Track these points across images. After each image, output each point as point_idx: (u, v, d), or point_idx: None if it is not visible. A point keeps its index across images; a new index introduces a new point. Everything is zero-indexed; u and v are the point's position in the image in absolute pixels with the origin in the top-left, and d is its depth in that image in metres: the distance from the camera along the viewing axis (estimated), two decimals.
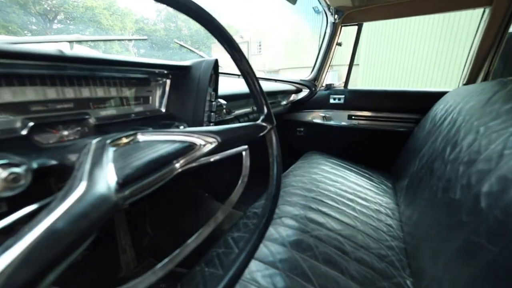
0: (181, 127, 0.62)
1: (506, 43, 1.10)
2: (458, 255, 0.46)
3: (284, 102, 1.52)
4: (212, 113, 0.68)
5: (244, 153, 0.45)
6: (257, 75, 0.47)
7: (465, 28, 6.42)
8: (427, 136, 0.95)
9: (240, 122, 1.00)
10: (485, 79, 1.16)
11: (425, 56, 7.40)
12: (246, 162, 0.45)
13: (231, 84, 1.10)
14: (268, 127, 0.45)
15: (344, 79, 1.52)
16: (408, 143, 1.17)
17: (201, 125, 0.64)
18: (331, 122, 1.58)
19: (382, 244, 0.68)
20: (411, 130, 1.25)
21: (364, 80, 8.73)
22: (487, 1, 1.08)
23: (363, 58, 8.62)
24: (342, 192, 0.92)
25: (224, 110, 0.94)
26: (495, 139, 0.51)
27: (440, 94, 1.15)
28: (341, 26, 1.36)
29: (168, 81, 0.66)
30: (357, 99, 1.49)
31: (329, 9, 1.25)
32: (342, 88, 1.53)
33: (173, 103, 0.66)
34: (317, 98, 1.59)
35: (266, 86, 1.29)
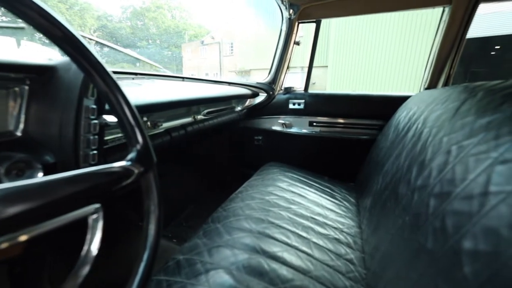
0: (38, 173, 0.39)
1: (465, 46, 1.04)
2: None
3: (239, 108, 1.35)
4: (94, 137, 0.46)
5: (92, 218, 0.26)
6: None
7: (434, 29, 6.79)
8: (390, 147, 0.83)
9: (171, 137, 0.80)
10: (446, 83, 1.09)
11: (397, 56, 7.56)
12: (94, 234, 0.26)
13: (163, 86, 0.90)
14: (140, 170, 0.27)
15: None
16: (372, 153, 1.07)
17: (76, 156, 0.43)
18: (292, 130, 1.43)
19: None
20: (375, 138, 1.15)
21: (333, 83, 8.88)
22: (447, 0, 1.01)
23: (332, 59, 8.76)
24: (297, 219, 0.76)
25: (149, 123, 0.73)
26: (473, 167, 0.38)
27: (403, 99, 1.06)
28: (298, 23, 1.22)
29: (26, 88, 0.44)
30: (318, 104, 1.36)
31: (282, 2, 1.10)
32: (302, 91, 1.40)
33: (34, 122, 0.44)
34: (275, 103, 1.44)
35: (219, 91, 1.10)
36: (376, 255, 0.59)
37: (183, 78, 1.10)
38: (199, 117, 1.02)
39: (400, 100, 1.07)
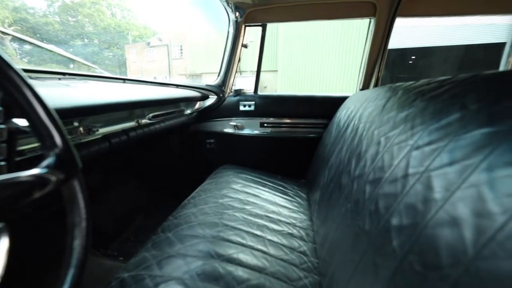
0: None
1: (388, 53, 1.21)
2: None
3: (188, 111, 1.30)
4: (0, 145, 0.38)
5: None
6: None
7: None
8: (334, 143, 0.91)
9: (111, 144, 0.72)
10: (376, 84, 1.24)
11: (341, 60, 8.29)
12: None
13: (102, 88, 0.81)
14: (59, 177, 0.23)
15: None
16: (319, 149, 1.14)
17: None
18: (244, 132, 1.45)
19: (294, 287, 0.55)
20: (321, 136, 1.24)
21: (283, 86, 9.33)
22: (372, 13, 1.15)
23: (281, 63, 9.19)
24: (252, 219, 0.77)
25: (81, 129, 0.65)
26: (397, 154, 0.44)
27: (343, 99, 1.17)
28: (245, 26, 1.24)
29: None
30: (268, 105, 1.41)
31: (228, 4, 1.11)
32: (252, 93, 1.43)
33: None
34: (226, 105, 1.43)
35: (166, 93, 1.04)
36: (325, 244, 0.63)
37: (124, 79, 1.01)
38: (144, 121, 0.94)
39: (340, 100, 1.18)
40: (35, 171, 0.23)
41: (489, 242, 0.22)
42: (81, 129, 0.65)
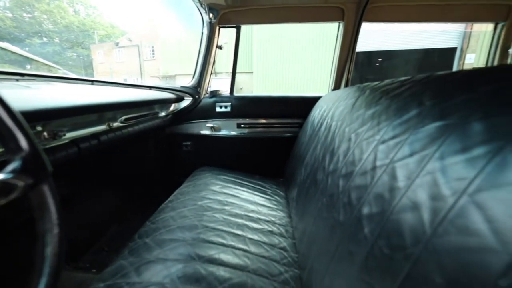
0: None
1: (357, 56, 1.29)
2: None
3: (163, 114, 1.27)
4: None
5: None
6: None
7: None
8: (309, 142, 0.94)
9: (80, 149, 0.68)
10: (346, 84, 1.31)
11: (315, 62, 8.57)
12: None
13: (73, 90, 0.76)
14: (27, 182, 0.22)
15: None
16: (295, 148, 1.18)
17: None
18: (220, 133, 1.44)
19: (276, 282, 0.56)
20: (297, 135, 1.28)
21: (259, 87, 9.42)
22: (340, 17, 1.22)
23: (256, 65, 9.28)
24: (232, 219, 0.77)
25: (45, 134, 0.61)
26: (366, 148, 0.47)
27: (317, 99, 1.22)
28: (219, 27, 1.24)
29: None
30: (244, 106, 1.42)
31: (201, 5, 1.10)
32: (228, 95, 1.43)
33: None
34: (202, 107, 1.42)
35: (138, 95, 1.00)
36: (303, 239, 0.66)
37: (92, 81, 0.96)
38: (116, 124, 0.90)
39: (314, 100, 1.23)
40: (5, 173, 0.21)
41: (443, 221, 0.25)
42: (45, 133, 0.61)
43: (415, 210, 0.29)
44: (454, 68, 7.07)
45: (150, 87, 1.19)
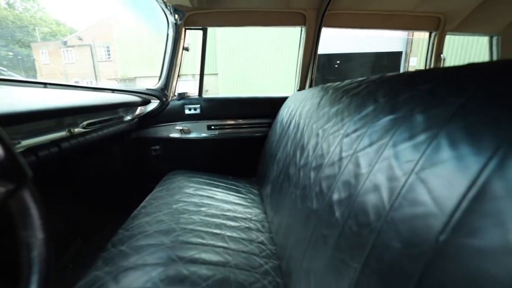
0: None
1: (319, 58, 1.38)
2: (327, 276, 0.41)
3: (128, 118, 1.21)
4: None
5: None
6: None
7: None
8: (279, 139, 0.99)
9: (39, 157, 0.63)
10: (310, 85, 1.40)
11: (279, 63, 8.79)
12: None
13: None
14: (8, 188, 0.21)
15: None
16: (266, 147, 1.22)
17: None
18: (191, 135, 1.43)
19: (257, 274, 0.59)
20: (266, 134, 1.32)
21: (225, 89, 9.39)
22: (302, 22, 1.30)
23: (221, 67, 9.24)
24: (209, 219, 0.78)
25: None
26: (332, 142, 0.52)
27: (284, 99, 1.28)
28: (185, 29, 1.23)
29: None
30: (214, 108, 1.42)
31: (166, 6, 1.09)
32: (197, 97, 1.42)
33: None
34: (170, 110, 1.38)
35: (102, 99, 0.94)
36: (280, 231, 0.69)
37: (44, 84, 0.88)
38: (77, 130, 0.84)
39: (281, 100, 1.28)
40: None
41: (397, 197, 0.30)
42: None
43: (376, 191, 0.35)
44: (401, 70, 7.91)
45: (113, 90, 1.13)
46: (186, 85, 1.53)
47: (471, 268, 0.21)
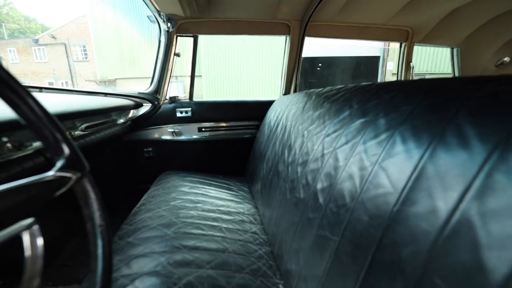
0: None
1: (302, 64, 1.49)
2: (313, 251, 0.50)
3: (121, 121, 1.25)
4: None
5: (26, 235, 0.24)
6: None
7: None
8: (267, 140, 1.08)
9: (47, 159, 0.67)
10: (295, 89, 1.51)
11: (265, 69, 8.96)
12: (35, 250, 0.25)
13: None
14: (75, 176, 0.28)
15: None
16: (254, 147, 1.30)
17: None
18: (182, 137, 1.48)
19: (253, 258, 0.67)
20: (254, 136, 1.41)
21: (209, 92, 9.40)
22: (287, 32, 1.40)
23: (205, 70, 9.25)
24: (205, 214, 0.85)
25: (9, 145, 0.59)
26: (316, 141, 0.62)
27: (270, 103, 1.37)
28: (177, 36, 1.29)
29: None
30: (204, 111, 1.49)
31: (160, 15, 1.14)
32: (188, 100, 1.48)
33: None
34: (162, 113, 1.43)
35: (94, 103, 0.98)
36: (271, 221, 0.78)
37: (40, 88, 0.91)
38: (77, 133, 0.88)
39: (268, 104, 1.38)
40: (55, 171, 0.27)
41: (366, 182, 0.40)
42: (8, 144, 0.59)
43: (350, 179, 0.44)
44: (379, 73, 8.33)
45: (106, 94, 1.17)
46: (172, 86, 1.58)
47: (412, 228, 0.31)
